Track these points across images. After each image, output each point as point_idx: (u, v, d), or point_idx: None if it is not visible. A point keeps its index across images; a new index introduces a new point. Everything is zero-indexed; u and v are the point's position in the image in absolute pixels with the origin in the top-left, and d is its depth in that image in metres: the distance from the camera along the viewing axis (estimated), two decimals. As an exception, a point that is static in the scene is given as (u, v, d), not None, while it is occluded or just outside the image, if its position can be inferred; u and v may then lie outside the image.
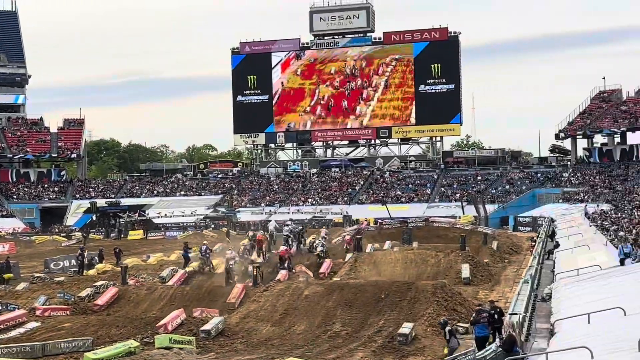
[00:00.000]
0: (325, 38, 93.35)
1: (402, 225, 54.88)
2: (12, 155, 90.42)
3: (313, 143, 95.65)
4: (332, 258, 37.80)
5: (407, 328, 20.89)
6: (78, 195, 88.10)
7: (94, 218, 75.98)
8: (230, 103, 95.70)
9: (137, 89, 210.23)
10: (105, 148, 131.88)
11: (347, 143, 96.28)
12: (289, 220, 51.42)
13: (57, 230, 73.66)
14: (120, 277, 32.12)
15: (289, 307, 24.84)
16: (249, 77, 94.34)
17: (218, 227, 67.27)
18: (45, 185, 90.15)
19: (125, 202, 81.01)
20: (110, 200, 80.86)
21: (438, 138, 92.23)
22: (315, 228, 62.29)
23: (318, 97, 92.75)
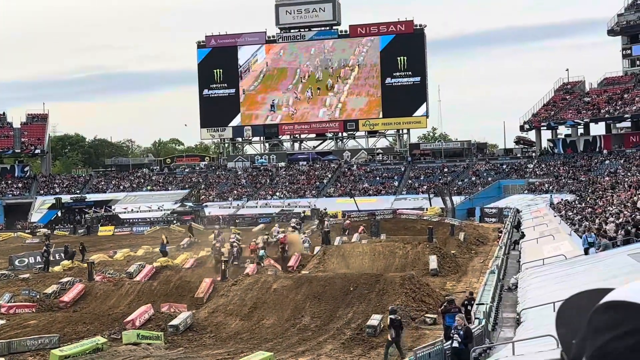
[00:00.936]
0: (292, 31, 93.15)
1: (369, 218, 55.10)
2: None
3: (280, 136, 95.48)
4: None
5: (375, 320, 21.00)
6: (42, 191, 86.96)
7: (59, 214, 75.05)
8: (197, 97, 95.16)
9: (101, 84, 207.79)
10: (70, 143, 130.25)
11: (314, 136, 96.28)
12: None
13: (21, 227, 72.73)
14: (87, 273, 31.84)
15: (258, 301, 24.82)
16: (215, 70, 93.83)
17: (184, 222, 66.90)
18: (9, 182, 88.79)
19: (91, 197, 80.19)
20: (76, 196, 79.98)
21: (405, 130, 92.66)
22: (284, 222, 62.28)
23: (289, 89, 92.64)
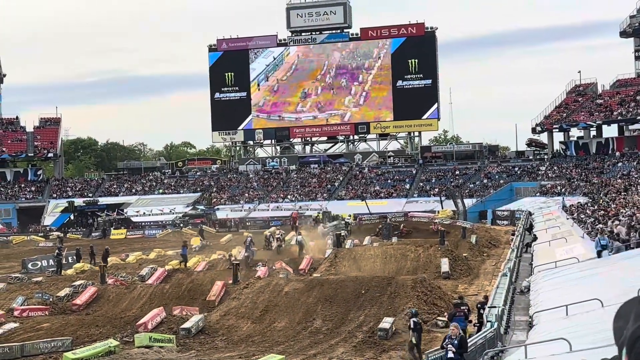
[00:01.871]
0: (303, 34, 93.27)
1: (381, 221, 55.01)
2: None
3: (292, 139, 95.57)
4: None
5: (387, 323, 20.99)
6: (55, 195, 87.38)
7: (72, 217, 75.41)
8: (208, 100, 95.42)
9: (114, 87, 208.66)
10: (83, 147, 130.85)
11: (325, 139, 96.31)
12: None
13: (33, 231, 73.09)
14: (99, 276, 31.96)
15: (270, 303, 24.85)
16: (227, 74, 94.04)
17: (195, 225, 67.07)
18: (22, 185, 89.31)
19: (104, 201, 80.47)
20: (88, 200, 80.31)
21: (416, 133, 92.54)
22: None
23: (306, 93, 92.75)
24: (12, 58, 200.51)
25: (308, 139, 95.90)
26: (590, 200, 52.59)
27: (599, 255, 24.90)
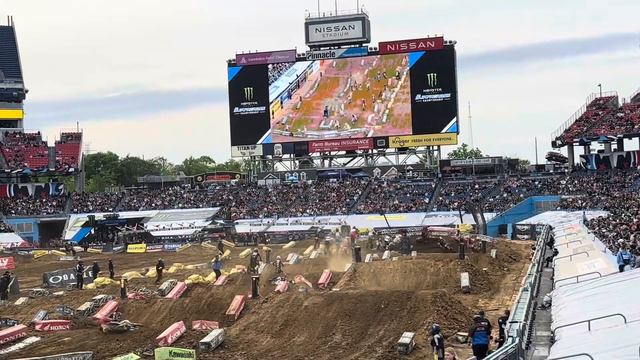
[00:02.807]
0: (321, 49, 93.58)
1: (401, 234, 54.80)
2: (10, 170, 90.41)
3: (310, 154, 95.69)
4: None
5: (407, 337, 20.88)
6: (76, 209, 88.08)
7: (92, 232, 75.93)
8: (227, 115, 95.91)
9: (134, 102, 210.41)
10: (103, 161, 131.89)
11: (344, 153, 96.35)
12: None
13: (54, 245, 73.61)
14: (120, 290, 32.12)
15: (289, 318, 24.82)
16: (246, 88, 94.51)
17: (215, 239, 67.28)
18: (44, 200, 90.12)
19: (124, 215, 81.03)
20: (109, 214, 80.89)
21: (435, 147, 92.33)
22: (312, 238, 62.56)
23: (328, 110, 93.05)
24: (34, 74, 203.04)
25: (327, 153, 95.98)
26: (612, 215, 52.12)
27: (621, 270, 24.69)
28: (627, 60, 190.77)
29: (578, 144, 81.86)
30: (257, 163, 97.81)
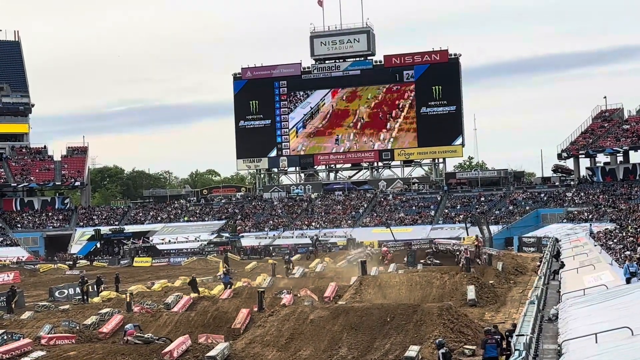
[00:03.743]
0: (326, 62, 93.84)
1: (406, 248, 54.75)
2: (16, 184, 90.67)
3: (316, 167, 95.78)
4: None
5: (413, 351, 20.81)
6: (82, 223, 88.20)
7: (98, 245, 75.98)
8: (233, 128, 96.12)
9: (140, 116, 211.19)
10: (109, 175, 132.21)
11: (349, 166, 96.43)
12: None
13: (60, 259, 73.66)
14: (125, 304, 32.09)
15: (295, 331, 24.75)
16: (251, 102, 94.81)
17: (221, 252, 67.23)
18: (50, 214, 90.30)
19: (129, 229, 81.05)
20: (114, 228, 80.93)
21: (440, 160, 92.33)
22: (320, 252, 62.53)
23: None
24: (40, 88, 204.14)
25: (332, 166, 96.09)
26: (618, 227, 51.98)
27: (628, 282, 24.59)
28: (632, 73, 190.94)
29: (584, 156, 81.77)
30: (262, 176, 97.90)
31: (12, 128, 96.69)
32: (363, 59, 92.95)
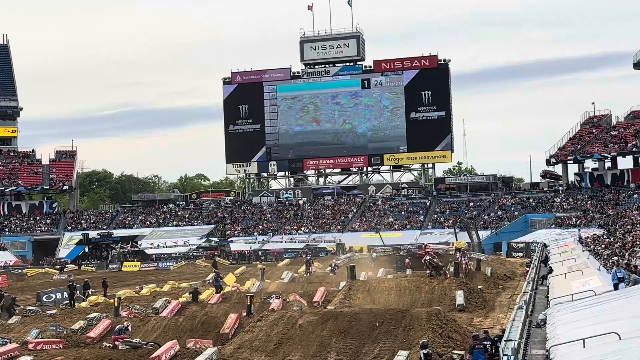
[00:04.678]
0: (316, 67, 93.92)
1: (395, 253, 54.70)
2: (3, 188, 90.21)
3: (305, 171, 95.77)
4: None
5: (402, 356, 20.79)
6: (70, 227, 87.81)
7: (86, 250, 75.66)
8: (222, 132, 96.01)
9: (128, 120, 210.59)
10: (98, 179, 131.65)
11: (339, 171, 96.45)
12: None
13: (48, 263, 73.24)
14: (113, 309, 31.94)
15: (284, 336, 24.69)
16: (241, 106, 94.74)
17: (209, 257, 67.08)
18: (37, 218, 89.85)
19: (118, 233, 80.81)
20: (103, 232, 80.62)
21: (430, 165, 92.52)
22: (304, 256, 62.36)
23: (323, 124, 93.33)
24: (29, 92, 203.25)
25: (322, 171, 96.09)
26: (606, 232, 52.20)
27: (616, 288, 24.64)
28: (621, 79, 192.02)
29: (572, 162, 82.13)
30: (251, 181, 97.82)
31: (0, 132, 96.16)
32: (353, 64, 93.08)
